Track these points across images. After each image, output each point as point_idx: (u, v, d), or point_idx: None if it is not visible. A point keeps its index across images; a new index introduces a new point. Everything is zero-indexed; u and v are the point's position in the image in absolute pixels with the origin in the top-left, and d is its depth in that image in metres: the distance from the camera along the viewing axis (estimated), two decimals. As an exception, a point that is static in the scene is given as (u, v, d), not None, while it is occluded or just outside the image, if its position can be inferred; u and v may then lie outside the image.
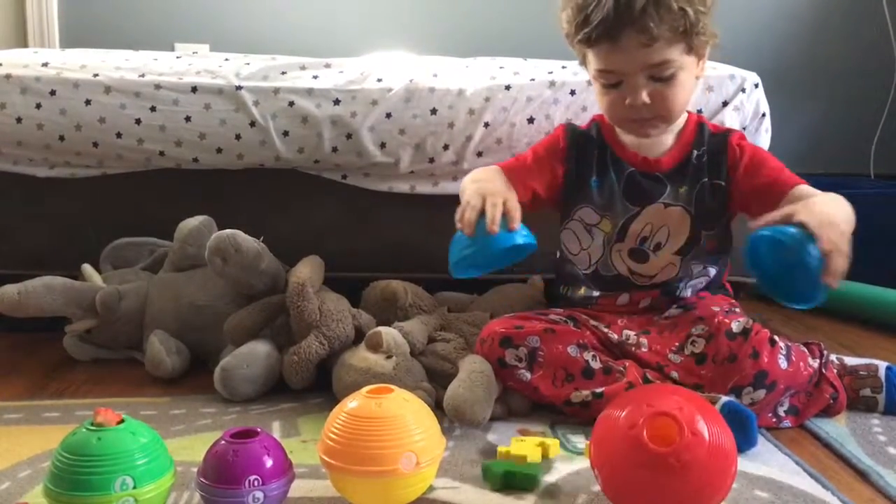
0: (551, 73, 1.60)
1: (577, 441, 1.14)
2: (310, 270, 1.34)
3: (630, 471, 0.87)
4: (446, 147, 1.56)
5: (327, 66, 1.63)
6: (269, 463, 0.88)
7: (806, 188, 1.23)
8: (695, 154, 1.31)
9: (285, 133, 1.54)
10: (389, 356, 1.24)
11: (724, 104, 1.58)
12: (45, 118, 1.54)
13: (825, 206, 1.09)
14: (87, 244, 1.57)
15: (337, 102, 1.55)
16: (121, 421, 0.88)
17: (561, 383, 1.22)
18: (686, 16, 1.17)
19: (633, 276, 1.34)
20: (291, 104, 1.54)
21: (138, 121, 1.54)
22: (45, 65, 1.58)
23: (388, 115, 1.54)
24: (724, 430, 0.88)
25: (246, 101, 1.54)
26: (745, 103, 1.58)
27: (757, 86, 1.60)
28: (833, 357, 1.32)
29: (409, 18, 2.51)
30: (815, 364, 1.21)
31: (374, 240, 1.63)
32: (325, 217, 1.63)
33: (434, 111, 1.55)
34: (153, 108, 1.54)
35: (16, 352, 1.52)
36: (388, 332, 1.26)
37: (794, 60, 2.57)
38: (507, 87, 1.57)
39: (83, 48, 1.82)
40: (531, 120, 1.56)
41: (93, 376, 1.41)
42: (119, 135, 1.54)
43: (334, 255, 1.46)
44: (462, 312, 1.47)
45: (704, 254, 1.33)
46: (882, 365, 1.29)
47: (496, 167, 1.32)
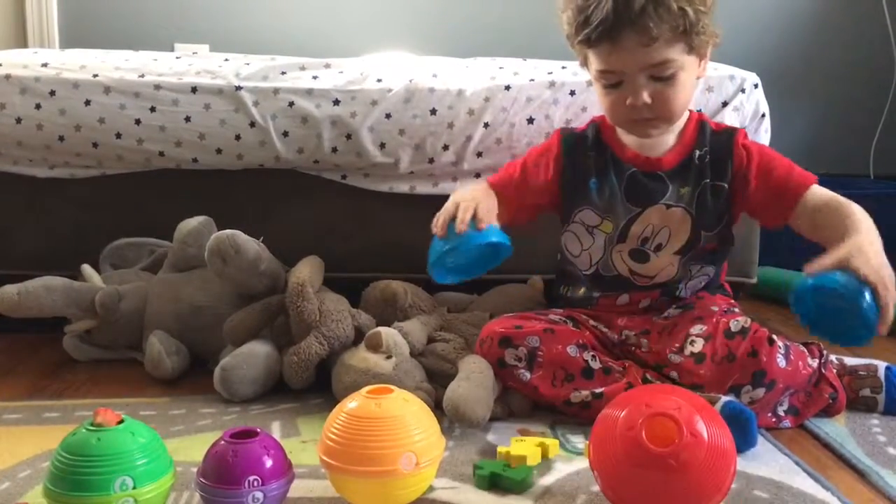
0: (551, 73, 1.60)
1: (577, 441, 1.14)
2: (309, 271, 1.34)
3: (629, 471, 0.87)
4: (446, 147, 1.56)
5: (327, 66, 1.63)
6: (268, 463, 0.88)
7: (819, 192, 1.25)
8: (697, 154, 1.31)
9: (285, 133, 1.55)
10: (389, 356, 1.24)
11: (724, 104, 1.58)
12: (44, 118, 1.54)
13: (873, 245, 1.10)
14: (87, 244, 1.57)
15: (337, 103, 1.55)
16: (120, 421, 0.88)
17: (560, 383, 1.22)
18: (686, 15, 1.16)
19: (633, 277, 1.33)
20: (291, 104, 1.54)
21: (138, 121, 1.54)
22: (45, 65, 1.58)
23: (388, 116, 1.54)
24: (724, 431, 0.88)
25: (246, 101, 1.54)
26: (745, 104, 1.58)
27: (756, 86, 1.59)
28: (832, 357, 1.32)
29: (408, 19, 2.51)
30: (814, 364, 1.21)
31: (374, 240, 1.63)
32: (325, 217, 1.63)
33: (434, 111, 1.55)
34: (153, 109, 1.54)
35: (16, 352, 1.52)
36: (388, 333, 1.26)
37: (794, 60, 2.57)
38: (507, 88, 1.57)
39: (83, 48, 1.82)
40: (531, 120, 1.56)
41: (92, 377, 1.41)
42: (119, 135, 1.54)
43: (334, 255, 1.46)
44: (462, 313, 1.47)
45: (703, 254, 1.33)
46: (881, 365, 1.29)
47: (486, 185, 1.33)
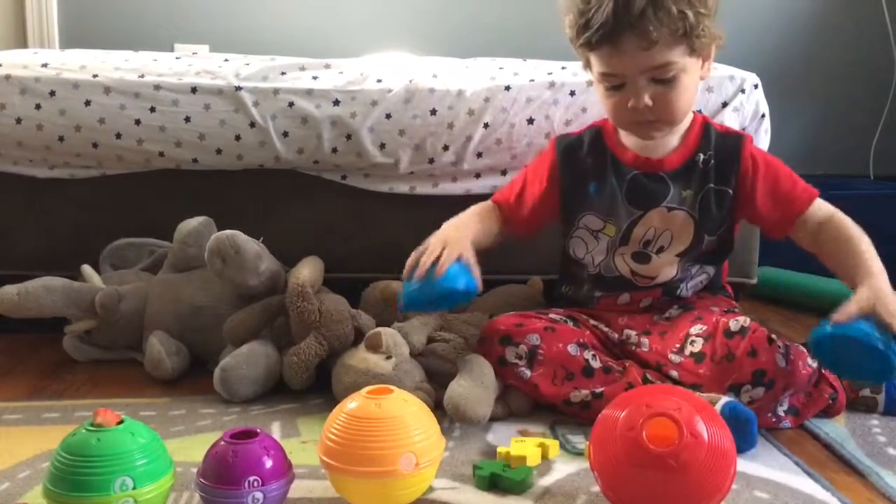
0: (551, 73, 1.60)
1: (577, 442, 1.14)
2: (310, 271, 1.34)
3: (629, 472, 0.87)
4: (446, 148, 1.56)
5: (327, 66, 1.63)
6: (268, 464, 0.88)
7: (822, 207, 1.26)
8: (701, 158, 1.30)
9: (285, 134, 1.54)
10: (389, 357, 1.24)
11: (724, 105, 1.57)
12: (44, 119, 1.54)
13: (887, 287, 1.12)
14: (87, 245, 1.57)
15: (337, 103, 1.55)
16: (120, 421, 0.88)
17: (561, 382, 1.22)
18: (685, 18, 1.16)
19: (634, 277, 1.33)
20: (291, 105, 1.54)
21: (138, 121, 1.54)
22: (45, 65, 1.58)
23: (388, 116, 1.54)
24: (724, 431, 0.88)
25: (245, 101, 1.54)
26: (745, 104, 1.58)
27: (756, 86, 1.59)
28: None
29: (408, 19, 2.51)
30: (814, 364, 1.21)
31: (374, 240, 1.63)
32: (325, 218, 1.63)
33: (434, 112, 1.55)
34: (153, 109, 1.54)
35: (16, 352, 1.52)
36: (388, 333, 1.26)
37: (793, 61, 2.57)
38: (507, 88, 1.57)
39: (83, 49, 1.82)
40: (531, 121, 1.56)
41: (92, 377, 1.41)
42: (119, 135, 1.54)
43: (334, 255, 1.46)
44: (462, 313, 1.47)
45: (704, 255, 1.33)
46: (882, 365, 1.29)
47: (470, 215, 1.33)
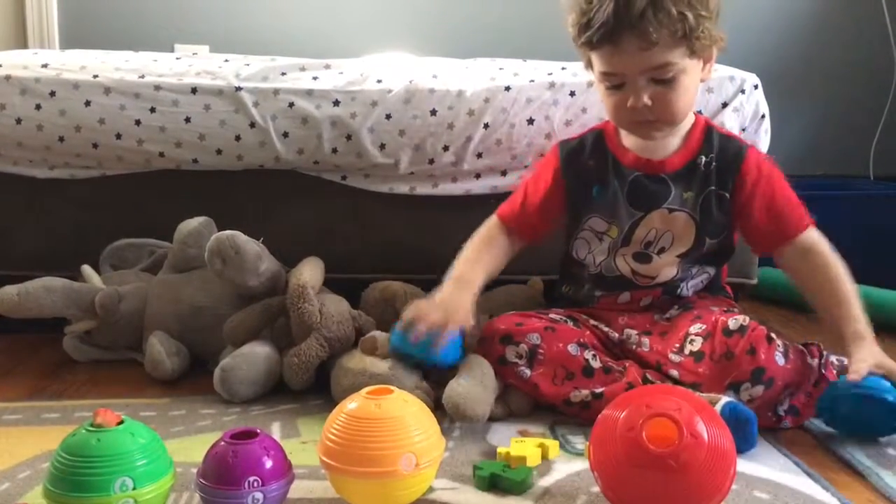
0: (551, 74, 1.60)
1: (577, 442, 1.14)
2: (310, 272, 1.34)
3: (629, 472, 0.87)
4: (446, 148, 1.56)
5: (327, 67, 1.63)
6: (268, 464, 0.88)
7: (811, 234, 1.27)
8: (703, 160, 1.30)
9: (285, 134, 1.54)
10: (385, 357, 1.24)
11: (724, 105, 1.57)
12: (44, 119, 1.54)
13: (875, 340, 1.19)
14: (87, 245, 1.57)
15: (337, 103, 1.55)
16: (120, 422, 0.88)
17: (561, 381, 1.22)
18: (685, 20, 1.16)
19: (635, 277, 1.34)
20: (291, 105, 1.54)
21: (138, 122, 1.54)
22: (45, 66, 1.58)
23: (388, 116, 1.54)
24: (724, 431, 0.88)
25: (246, 102, 1.54)
26: (745, 104, 1.58)
27: (756, 87, 1.59)
28: (833, 358, 1.31)
29: (408, 19, 2.51)
30: (814, 364, 1.21)
31: (374, 241, 1.63)
32: (325, 218, 1.63)
33: (434, 112, 1.55)
34: (153, 110, 1.54)
35: (16, 352, 1.52)
36: (383, 335, 1.26)
37: (794, 61, 2.57)
38: (507, 89, 1.57)
39: (83, 49, 1.82)
40: (531, 121, 1.56)
41: (92, 377, 1.41)
42: (119, 136, 1.54)
43: (334, 256, 1.46)
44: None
45: (704, 256, 1.33)
46: (881, 366, 1.29)
47: (494, 228, 1.35)
